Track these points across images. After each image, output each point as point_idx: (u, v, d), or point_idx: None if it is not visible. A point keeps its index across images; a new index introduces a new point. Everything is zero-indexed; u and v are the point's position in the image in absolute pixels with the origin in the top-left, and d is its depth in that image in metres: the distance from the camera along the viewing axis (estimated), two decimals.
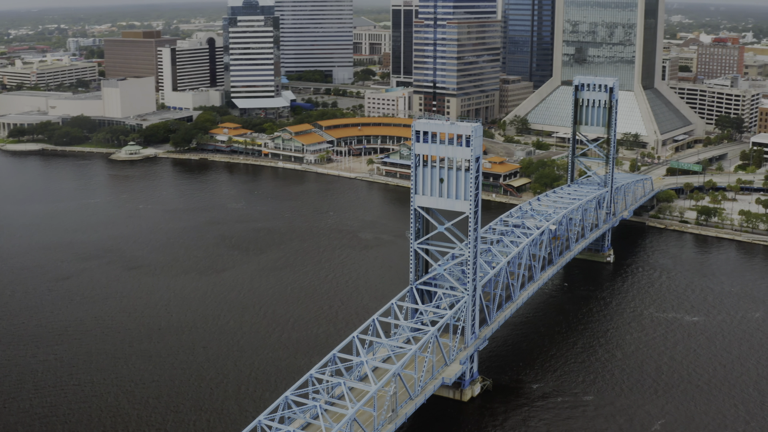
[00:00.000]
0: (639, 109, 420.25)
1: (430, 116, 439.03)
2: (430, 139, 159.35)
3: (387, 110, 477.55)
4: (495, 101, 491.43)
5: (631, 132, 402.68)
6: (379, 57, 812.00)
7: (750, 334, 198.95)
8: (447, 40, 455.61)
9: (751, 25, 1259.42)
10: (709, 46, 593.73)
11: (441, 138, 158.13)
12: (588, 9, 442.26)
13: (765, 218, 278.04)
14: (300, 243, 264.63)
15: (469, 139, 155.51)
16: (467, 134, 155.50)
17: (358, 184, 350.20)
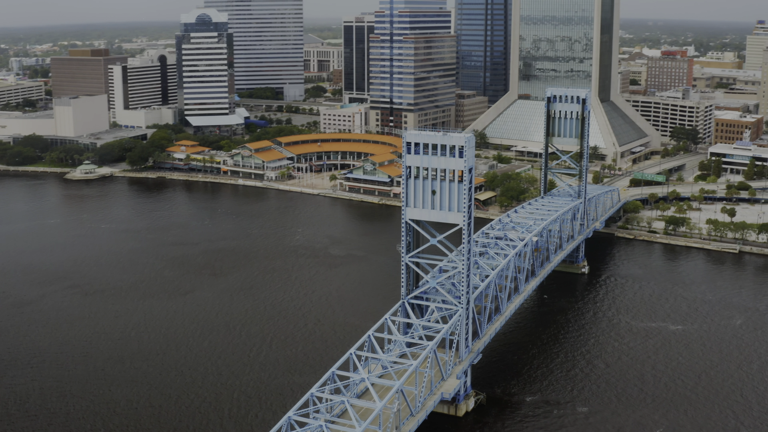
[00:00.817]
0: (597, 122, 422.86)
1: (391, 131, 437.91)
2: (421, 150, 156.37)
3: (343, 126, 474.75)
4: (451, 116, 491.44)
5: (590, 144, 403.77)
6: (327, 74, 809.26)
7: (732, 342, 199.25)
8: (403, 56, 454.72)
9: (690, 39, 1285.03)
10: (659, 59, 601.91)
11: (433, 149, 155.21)
12: (543, 26, 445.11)
13: (733, 227, 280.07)
14: (270, 261, 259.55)
15: (462, 150, 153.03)
16: (460, 145, 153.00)
17: (322, 201, 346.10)
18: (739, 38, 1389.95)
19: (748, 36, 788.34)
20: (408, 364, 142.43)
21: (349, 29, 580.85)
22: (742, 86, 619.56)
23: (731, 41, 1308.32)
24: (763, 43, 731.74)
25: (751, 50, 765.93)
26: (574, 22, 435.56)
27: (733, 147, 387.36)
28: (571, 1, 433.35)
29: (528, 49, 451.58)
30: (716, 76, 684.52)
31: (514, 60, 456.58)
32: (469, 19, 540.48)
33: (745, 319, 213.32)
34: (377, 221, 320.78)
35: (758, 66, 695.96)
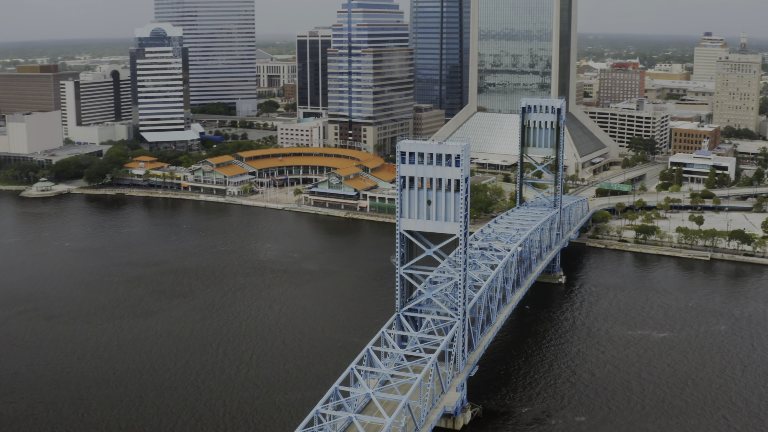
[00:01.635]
0: None
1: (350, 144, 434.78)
2: (416, 160, 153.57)
3: (301, 141, 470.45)
4: (409, 129, 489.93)
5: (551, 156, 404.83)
6: (277, 89, 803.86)
7: (717, 348, 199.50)
8: (362, 70, 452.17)
9: (633, 52, 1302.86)
10: (610, 72, 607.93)
11: (428, 158, 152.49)
12: (502, 40, 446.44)
13: (703, 234, 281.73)
14: (243, 278, 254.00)
15: (458, 159, 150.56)
16: (456, 154, 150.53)
17: (287, 216, 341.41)
18: (681, 51, 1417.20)
19: (696, 48, 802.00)
20: (412, 378, 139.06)
21: (302, 43, 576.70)
22: (693, 97, 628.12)
23: (673, 54, 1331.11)
24: (710, 54, 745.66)
25: (698, 62, 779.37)
26: (533, 36, 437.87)
27: (693, 156, 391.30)
28: (529, 16, 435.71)
29: (487, 63, 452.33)
30: (666, 88, 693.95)
31: (473, 73, 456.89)
32: (423, 33, 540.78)
33: (728, 325, 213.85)
34: (346, 235, 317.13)
35: (706, 77, 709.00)
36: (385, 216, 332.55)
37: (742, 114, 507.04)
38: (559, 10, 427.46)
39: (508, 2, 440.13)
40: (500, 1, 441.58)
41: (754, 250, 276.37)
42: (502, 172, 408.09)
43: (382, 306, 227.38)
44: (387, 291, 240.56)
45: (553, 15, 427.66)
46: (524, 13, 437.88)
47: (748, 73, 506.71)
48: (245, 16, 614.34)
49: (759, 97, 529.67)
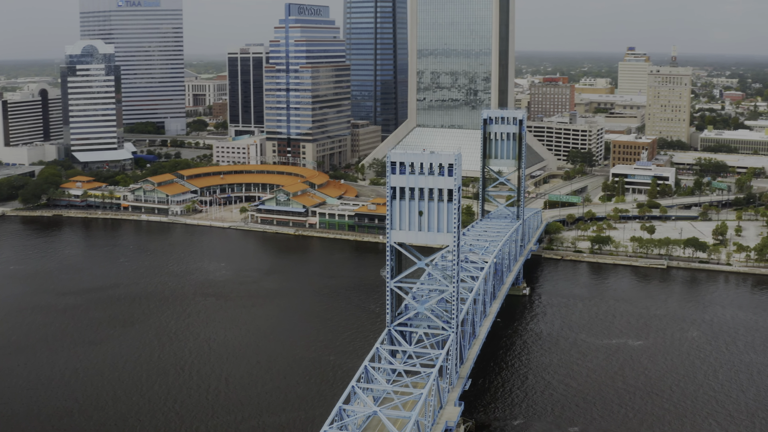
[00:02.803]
0: None
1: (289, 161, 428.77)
2: (407, 170, 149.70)
3: (237, 158, 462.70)
4: (347, 146, 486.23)
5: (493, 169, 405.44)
6: (203, 108, 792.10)
7: (693, 353, 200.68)
8: (301, 86, 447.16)
9: (550, 68, 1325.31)
10: (541, 86, 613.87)
11: (420, 168, 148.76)
12: (441, 57, 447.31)
13: (658, 243, 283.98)
14: (202, 298, 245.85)
15: (451, 168, 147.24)
16: (449, 162, 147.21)
17: (234, 234, 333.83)
18: (597, 66, 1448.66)
19: (620, 62, 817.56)
20: (417, 394, 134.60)
21: (233, 60, 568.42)
22: (621, 110, 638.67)
23: (590, 69, 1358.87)
24: (633, 68, 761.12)
25: (622, 76, 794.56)
26: (471, 53, 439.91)
27: (634, 167, 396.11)
28: (468, 34, 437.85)
29: (425, 79, 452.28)
30: (594, 102, 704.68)
31: (411, 89, 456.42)
32: (357, 49, 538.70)
33: (698, 331, 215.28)
34: (298, 252, 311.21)
35: (630, 90, 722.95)
36: (335, 232, 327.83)
37: (674, 126, 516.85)
38: (498, 28, 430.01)
39: (447, 20, 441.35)
40: (438, 19, 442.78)
41: (708, 257, 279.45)
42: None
43: (349, 322, 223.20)
44: (351, 307, 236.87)
45: (492, 32, 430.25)
46: (463, 30, 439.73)
47: (679, 85, 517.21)
48: (173, 34, 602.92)
49: (690, 109, 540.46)
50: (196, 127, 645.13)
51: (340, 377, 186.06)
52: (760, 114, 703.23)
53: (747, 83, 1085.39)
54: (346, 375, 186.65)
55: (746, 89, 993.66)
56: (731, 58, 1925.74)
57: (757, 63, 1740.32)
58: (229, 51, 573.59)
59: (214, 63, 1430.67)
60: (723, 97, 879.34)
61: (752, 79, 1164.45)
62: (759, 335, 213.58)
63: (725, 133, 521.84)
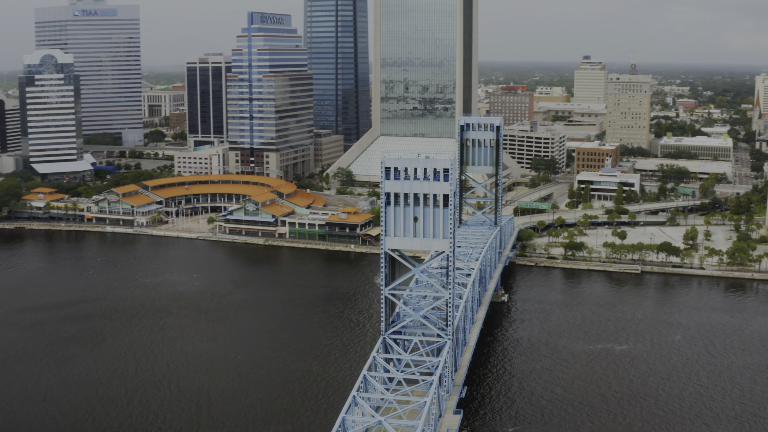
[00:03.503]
0: None
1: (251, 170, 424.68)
2: (402, 175, 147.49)
3: (200, 169, 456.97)
4: (310, 155, 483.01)
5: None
6: (159, 119, 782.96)
7: (680, 356, 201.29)
8: (264, 95, 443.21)
9: (502, 78, 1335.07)
10: (500, 95, 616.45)
11: (415, 174, 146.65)
12: (405, 67, 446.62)
13: (631, 248, 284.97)
14: (179, 310, 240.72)
15: (447, 173, 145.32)
16: (445, 167, 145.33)
17: (202, 245, 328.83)
18: (548, 75, 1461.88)
19: (576, 71, 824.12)
20: (420, 403, 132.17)
21: (192, 70, 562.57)
22: (579, 118, 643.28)
23: (541, 78, 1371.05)
24: (589, 77, 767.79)
25: (578, 84, 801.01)
26: (436, 63, 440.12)
27: (599, 174, 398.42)
28: (433, 44, 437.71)
29: (390, 89, 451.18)
30: (551, 110, 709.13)
31: (375, 99, 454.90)
32: (318, 58, 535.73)
33: (681, 335, 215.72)
34: (269, 263, 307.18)
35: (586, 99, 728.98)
36: (306, 242, 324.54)
37: (635, 133, 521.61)
38: (462, 37, 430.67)
39: (411, 29, 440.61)
40: (402, 30, 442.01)
41: (682, 262, 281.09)
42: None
43: (328, 332, 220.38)
44: (329, 317, 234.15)
45: (457, 41, 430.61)
46: (427, 40, 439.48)
47: (639, 93, 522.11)
48: (130, 44, 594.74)
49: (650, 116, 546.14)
50: (154, 138, 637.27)
51: (325, 388, 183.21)
52: (715, 121, 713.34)
53: (698, 91, 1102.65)
54: (331, 385, 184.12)
55: (698, 97, 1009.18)
56: (679, 67, 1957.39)
57: (705, 71, 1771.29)
58: (188, 60, 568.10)
59: (166, 74, 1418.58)
60: (676, 104, 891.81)
61: (703, 87, 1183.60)
62: (738, 337, 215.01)
63: (684, 140, 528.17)
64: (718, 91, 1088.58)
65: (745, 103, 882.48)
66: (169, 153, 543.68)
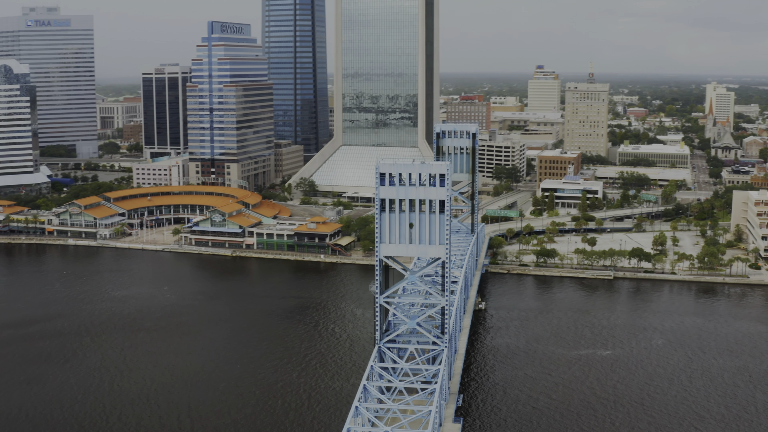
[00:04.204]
0: None
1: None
2: (397, 181, 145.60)
3: (159, 180, 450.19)
4: (271, 166, 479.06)
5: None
6: (112, 131, 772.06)
7: (663, 360, 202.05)
8: (225, 105, 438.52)
9: (452, 88, 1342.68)
10: (458, 104, 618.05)
11: (411, 179, 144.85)
12: (367, 78, 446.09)
13: (603, 255, 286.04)
14: (153, 323, 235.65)
15: (443, 178, 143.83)
16: (441, 173, 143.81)
17: (168, 257, 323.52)
18: (497, 86, 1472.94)
19: (529, 81, 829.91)
20: (425, 412, 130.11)
21: (148, 81, 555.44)
22: (535, 127, 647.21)
23: (490, 89, 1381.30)
24: (543, 86, 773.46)
25: (532, 93, 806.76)
26: (398, 74, 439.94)
27: (563, 182, 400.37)
28: (395, 56, 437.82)
29: (351, 100, 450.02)
30: (507, 119, 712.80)
31: (337, 108, 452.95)
32: (277, 68, 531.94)
33: (663, 339, 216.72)
34: (240, 274, 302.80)
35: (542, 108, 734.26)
36: (274, 253, 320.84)
37: (593, 141, 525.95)
38: (424, 48, 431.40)
39: (372, 38, 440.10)
40: (364, 40, 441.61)
41: (653, 267, 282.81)
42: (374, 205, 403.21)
43: (309, 343, 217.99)
44: (308, 327, 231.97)
45: (419, 52, 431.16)
46: (389, 50, 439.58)
47: (597, 101, 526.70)
48: (84, 55, 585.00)
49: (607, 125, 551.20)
50: (109, 149, 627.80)
51: (313, 399, 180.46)
52: (668, 129, 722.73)
53: (647, 100, 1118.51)
54: (318, 396, 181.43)
55: (647, 106, 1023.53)
56: (626, 77, 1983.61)
57: (651, 81, 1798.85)
58: (144, 71, 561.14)
59: (114, 87, 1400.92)
60: (627, 113, 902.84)
61: (651, 96, 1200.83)
62: (717, 341, 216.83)
63: (642, 148, 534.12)
64: (666, 100, 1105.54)
65: (696, 111, 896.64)
66: (125, 165, 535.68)
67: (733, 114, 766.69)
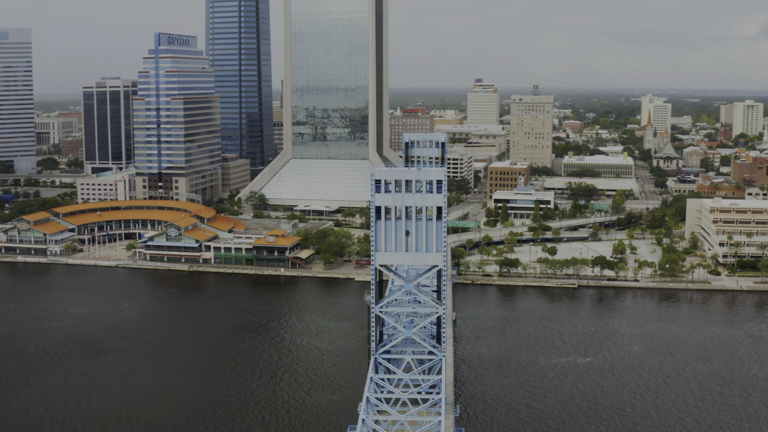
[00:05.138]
0: None
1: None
2: (393, 188, 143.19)
3: (105, 195, 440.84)
4: (218, 180, 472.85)
5: None
6: (48, 146, 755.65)
7: (642, 367, 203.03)
8: (173, 118, 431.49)
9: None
10: (401, 117, 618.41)
11: (407, 186, 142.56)
12: (317, 91, 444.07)
13: (566, 264, 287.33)
14: (121, 340, 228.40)
15: (440, 184, 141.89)
16: (438, 179, 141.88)
17: (123, 273, 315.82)
18: (430, 100, 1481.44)
19: (469, 94, 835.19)
20: (434, 423, 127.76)
21: (89, 95, 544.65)
22: (478, 139, 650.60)
23: (423, 103, 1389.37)
24: (482, 99, 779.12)
25: (471, 107, 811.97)
26: (348, 89, 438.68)
27: (515, 192, 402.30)
28: (345, 66, 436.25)
29: (301, 112, 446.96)
30: (450, 132, 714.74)
31: (287, 125, 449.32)
32: (221, 82, 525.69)
33: (638, 345, 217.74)
34: (200, 289, 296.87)
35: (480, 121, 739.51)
36: (232, 267, 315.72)
37: (539, 152, 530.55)
38: (375, 63, 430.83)
39: (322, 49, 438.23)
40: (314, 53, 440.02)
41: (617, 275, 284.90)
42: (327, 218, 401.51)
43: (277, 356, 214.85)
44: (273, 340, 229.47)
45: (369, 67, 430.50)
46: (339, 62, 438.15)
47: (542, 113, 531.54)
48: (22, 68, 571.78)
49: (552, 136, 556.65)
50: (48, 165, 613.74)
51: (293, 415, 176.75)
52: (606, 141, 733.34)
53: (581, 113, 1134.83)
54: (297, 412, 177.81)
55: (582, 119, 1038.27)
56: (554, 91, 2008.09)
57: (581, 95, 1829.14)
58: (85, 85, 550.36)
59: (45, 103, 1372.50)
60: (563, 126, 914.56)
61: (584, 110, 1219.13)
62: (692, 345, 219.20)
63: (586, 159, 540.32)
64: (600, 113, 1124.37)
65: (631, 123, 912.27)
66: (66, 180, 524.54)
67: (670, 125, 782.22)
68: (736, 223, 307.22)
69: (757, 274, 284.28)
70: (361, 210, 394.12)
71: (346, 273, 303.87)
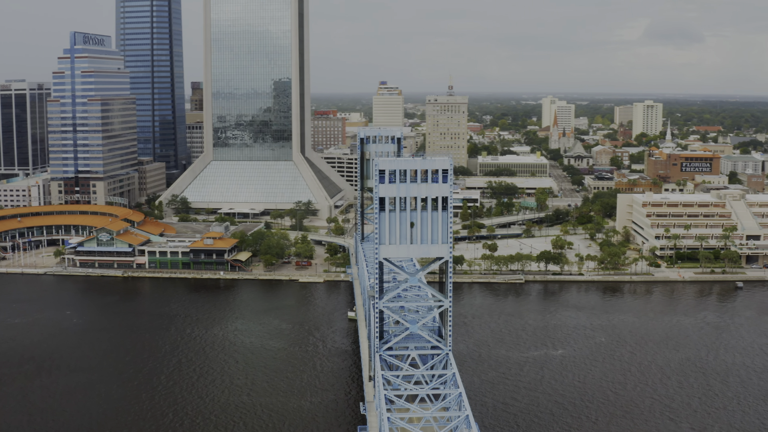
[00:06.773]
0: (304, 178, 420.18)
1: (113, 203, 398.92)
2: (398, 178, 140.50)
3: (18, 201, 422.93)
4: (135, 183, 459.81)
5: (302, 200, 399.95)
6: None
7: (613, 356, 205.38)
8: (90, 120, 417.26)
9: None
10: (313, 119, 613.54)
11: (411, 176, 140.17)
12: (237, 92, 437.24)
13: (511, 259, 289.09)
14: (71, 351, 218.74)
15: (446, 174, 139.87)
16: (444, 168, 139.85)
17: (52, 280, 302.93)
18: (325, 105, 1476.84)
19: (374, 96, 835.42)
20: (457, 416, 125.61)
21: None
22: None
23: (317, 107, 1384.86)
24: (387, 101, 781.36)
25: (377, 109, 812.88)
26: (271, 90, 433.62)
27: None
28: (267, 66, 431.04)
29: (223, 116, 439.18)
30: None
31: (207, 128, 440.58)
32: (134, 85, 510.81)
33: (604, 336, 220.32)
34: (137, 295, 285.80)
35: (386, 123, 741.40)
36: (168, 271, 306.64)
37: (455, 152, 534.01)
38: (298, 65, 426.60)
39: (243, 49, 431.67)
40: (234, 54, 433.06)
41: (562, 269, 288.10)
42: (255, 220, 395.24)
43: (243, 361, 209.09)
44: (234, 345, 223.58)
45: (293, 68, 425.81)
46: (262, 65, 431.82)
47: (457, 113, 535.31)
48: None
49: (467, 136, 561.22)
50: None
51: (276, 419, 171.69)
52: (510, 142, 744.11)
53: (477, 116, 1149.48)
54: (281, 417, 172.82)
55: (479, 121, 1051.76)
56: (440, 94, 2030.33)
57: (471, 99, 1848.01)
58: None
59: None
60: None
61: (479, 112, 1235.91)
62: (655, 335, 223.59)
63: (500, 158, 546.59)
64: (497, 116, 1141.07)
65: (530, 125, 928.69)
66: None
67: None
68: (668, 217, 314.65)
69: (696, 265, 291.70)
70: (290, 211, 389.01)
71: (288, 275, 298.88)
